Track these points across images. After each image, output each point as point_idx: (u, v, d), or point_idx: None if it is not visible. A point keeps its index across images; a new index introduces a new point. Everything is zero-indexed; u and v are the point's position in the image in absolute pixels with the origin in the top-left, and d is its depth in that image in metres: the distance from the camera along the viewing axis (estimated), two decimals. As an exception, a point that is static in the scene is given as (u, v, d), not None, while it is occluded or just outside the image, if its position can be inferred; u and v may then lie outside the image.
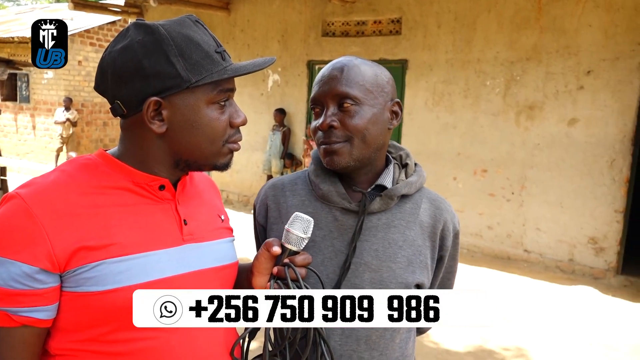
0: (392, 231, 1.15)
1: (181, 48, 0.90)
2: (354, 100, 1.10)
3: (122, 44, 0.91)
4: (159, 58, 0.89)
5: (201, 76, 0.91)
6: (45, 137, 12.49)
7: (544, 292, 5.14)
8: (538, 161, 5.87)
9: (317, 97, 1.14)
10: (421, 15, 6.62)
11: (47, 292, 0.86)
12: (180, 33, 0.91)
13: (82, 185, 0.91)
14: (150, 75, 0.89)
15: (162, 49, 0.89)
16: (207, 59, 0.92)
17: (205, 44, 0.93)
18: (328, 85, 1.11)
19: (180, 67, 0.89)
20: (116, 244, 0.89)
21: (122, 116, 0.95)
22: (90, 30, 12.47)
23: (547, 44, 5.74)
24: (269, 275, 1.04)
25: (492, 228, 6.25)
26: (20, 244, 0.84)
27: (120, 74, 0.90)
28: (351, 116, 1.10)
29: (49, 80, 12.26)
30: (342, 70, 1.12)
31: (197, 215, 1.04)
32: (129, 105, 0.92)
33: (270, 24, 8.10)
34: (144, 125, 0.93)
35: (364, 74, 1.12)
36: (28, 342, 0.88)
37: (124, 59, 0.90)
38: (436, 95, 6.57)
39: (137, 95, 0.91)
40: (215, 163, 0.99)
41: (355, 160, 1.12)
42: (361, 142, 1.11)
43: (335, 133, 1.10)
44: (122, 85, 0.91)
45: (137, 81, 0.90)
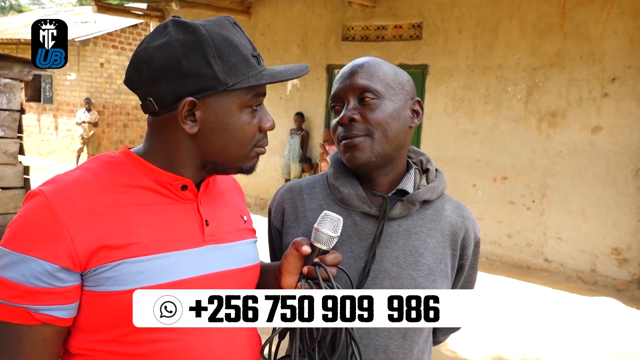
0: (413, 238, 1.12)
1: (220, 50, 0.89)
2: (374, 94, 1.08)
3: (160, 40, 0.90)
4: (198, 58, 0.88)
5: (238, 79, 0.90)
6: (67, 137, 12.70)
7: (565, 302, 5.03)
8: (560, 169, 5.77)
9: (337, 93, 1.13)
10: (442, 21, 6.57)
11: (67, 290, 0.86)
12: (220, 34, 0.90)
13: (104, 183, 0.91)
14: (187, 75, 0.88)
15: (201, 50, 0.88)
16: (244, 63, 0.91)
17: (242, 47, 0.92)
18: (349, 81, 1.10)
19: (218, 69, 0.89)
20: (137, 243, 0.88)
21: (152, 114, 0.94)
22: (112, 33, 12.67)
23: (571, 50, 5.65)
24: (299, 275, 1.02)
25: (511, 236, 6.16)
26: (42, 242, 0.83)
27: (156, 71, 0.89)
28: (372, 109, 1.08)
29: (71, 81, 12.47)
30: (363, 65, 1.11)
31: (219, 216, 1.03)
32: (162, 104, 0.91)
33: (291, 28, 8.12)
34: (175, 125, 0.92)
35: (384, 70, 1.12)
36: (48, 341, 0.87)
37: (162, 56, 0.89)
38: (456, 101, 6.51)
39: (172, 94, 0.90)
40: (242, 166, 0.99)
41: (376, 155, 1.09)
42: (382, 137, 1.09)
43: (356, 126, 1.08)
44: (157, 82, 0.90)
45: (174, 80, 0.89)
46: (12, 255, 0.84)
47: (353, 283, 1.05)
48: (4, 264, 0.85)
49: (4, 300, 0.84)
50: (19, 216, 0.87)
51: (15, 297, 0.84)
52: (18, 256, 0.83)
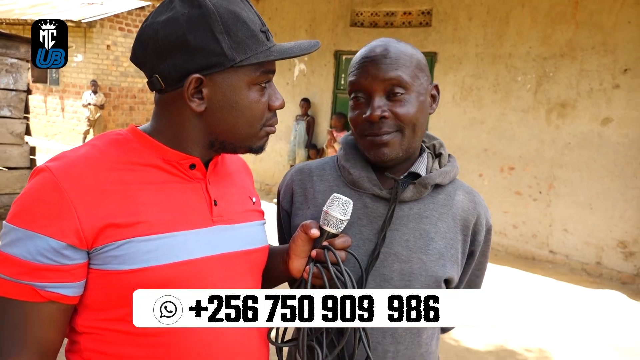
0: (423, 222, 1.10)
1: (227, 25, 0.86)
2: (404, 88, 1.04)
3: (165, 15, 0.87)
4: (204, 33, 0.85)
5: (246, 56, 0.87)
6: (73, 119, 12.70)
7: (569, 294, 5.03)
8: (568, 160, 5.73)
9: (360, 82, 1.06)
10: (452, 8, 6.49)
11: (73, 268, 0.85)
12: (227, 9, 0.87)
13: (111, 161, 0.89)
14: (193, 51, 0.85)
15: (208, 24, 0.85)
16: (252, 38, 0.88)
17: (251, 22, 0.89)
18: (374, 71, 1.04)
19: (226, 44, 0.86)
20: (144, 222, 0.87)
21: (159, 91, 0.92)
22: (119, 15, 12.61)
23: (583, 40, 5.57)
24: (307, 259, 1.01)
25: (517, 227, 6.14)
26: (48, 218, 0.82)
27: (162, 47, 0.86)
28: (403, 105, 1.05)
29: (78, 63, 12.44)
30: (387, 53, 1.05)
31: (228, 197, 1.01)
32: (168, 81, 0.88)
33: (299, 13, 8.05)
34: (181, 102, 0.89)
35: (408, 55, 1.07)
36: (54, 318, 0.87)
37: (167, 31, 0.86)
38: (464, 89, 6.45)
39: (178, 70, 0.87)
40: (251, 145, 0.96)
41: (404, 150, 1.08)
42: (411, 132, 1.07)
43: (387, 123, 1.05)
44: (163, 59, 0.87)
45: (180, 56, 0.86)
46: (18, 232, 0.83)
47: (362, 266, 1.04)
48: (9, 240, 0.84)
49: (10, 277, 0.83)
50: (25, 192, 0.86)
51: (21, 274, 0.83)
52: (24, 232, 0.82)
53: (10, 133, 5.88)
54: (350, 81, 1.10)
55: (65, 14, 12.71)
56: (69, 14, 12.52)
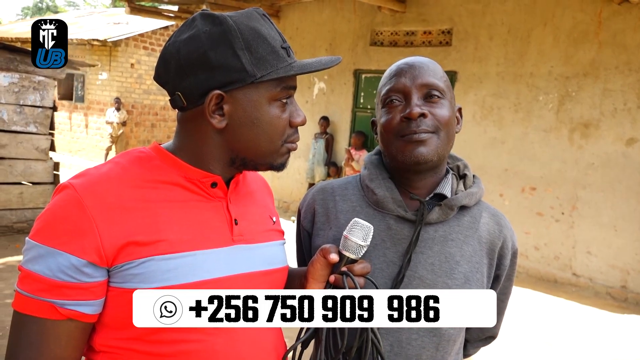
0: (449, 245, 1.08)
1: (248, 41, 0.87)
2: (441, 93, 1.07)
3: (187, 33, 0.89)
4: (225, 50, 0.86)
5: (266, 71, 0.88)
6: (97, 135, 12.95)
7: (593, 319, 4.88)
8: (592, 181, 5.62)
9: (398, 87, 1.08)
10: (473, 27, 6.49)
11: (93, 286, 0.84)
12: (248, 26, 0.88)
13: (134, 179, 0.90)
14: (215, 68, 0.86)
15: (229, 41, 0.86)
16: (272, 54, 0.89)
17: (271, 38, 0.90)
18: (411, 75, 1.07)
19: (246, 60, 0.87)
20: (165, 240, 0.87)
21: (181, 109, 0.93)
22: (144, 34, 12.89)
23: (606, 59, 5.50)
24: (325, 283, 0.99)
25: (538, 249, 6.01)
26: (70, 235, 0.82)
27: (183, 64, 0.88)
28: (439, 107, 1.06)
29: (103, 81, 12.72)
30: (423, 63, 1.09)
31: (249, 216, 1.01)
32: (190, 98, 0.89)
33: (319, 32, 8.13)
34: (203, 119, 0.90)
35: (442, 72, 1.11)
36: (73, 336, 0.86)
37: (189, 49, 0.87)
38: (485, 108, 6.40)
39: (199, 87, 0.88)
40: (272, 162, 0.96)
41: (438, 155, 1.06)
42: (445, 137, 1.07)
43: (425, 122, 1.05)
44: (184, 76, 0.88)
45: (201, 73, 0.87)
46: (40, 248, 0.83)
47: None
48: (31, 256, 0.84)
49: (30, 294, 0.83)
50: (48, 209, 0.86)
51: (42, 291, 0.83)
52: (45, 249, 0.83)
53: (35, 149, 6.01)
54: (387, 89, 1.10)
55: (92, 33, 13.05)
56: (95, 34, 12.86)
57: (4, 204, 5.82)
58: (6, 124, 5.75)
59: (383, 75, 1.15)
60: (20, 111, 5.85)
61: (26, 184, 6.04)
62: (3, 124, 5.73)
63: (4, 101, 5.71)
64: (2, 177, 5.78)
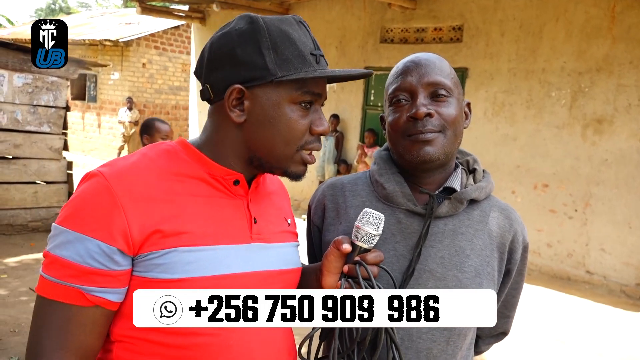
0: (459, 238, 1.08)
1: (275, 42, 0.90)
2: (447, 91, 1.07)
3: (223, 30, 0.94)
4: (251, 48, 0.90)
5: (288, 72, 0.90)
6: (109, 135, 13.07)
7: (607, 317, 4.83)
8: (605, 177, 5.56)
9: (405, 85, 1.08)
10: (484, 23, 6.44)
11: (121, 274, 0.86)
12: (279, 28, 0.91)
13: (161, 171, 0.92)
14: (239, 63, 0.90)
15: (256, 40, 0.90)
16: (299, 58, 0.91)
17: (301, 43, 0.92)
18: (417, 74, 1.07)
19: (270, 59, 0.89)
20: (188, 232, 0.88)
21: (209, 101, 0.97)
22: (155, 34, 12.98)
23: (620, 54, 5.43)
24: (339, 274, 1.00)
25: (551, 246, 5.96)
26: (99, 222, 0.83)
27: (214, 58, 0.93)
28: (446, 105, 1.06)
29: (115, 81, 12.83)
30: (429, 60, 1.09)
31: (266, 216, 1.03)
32: (216, 91, 0.94)
33: (329, 30, 8.12)
34: (225, 113, 0.93)
35: (450, 69, 1.11)
36: (98, 323, 0.87)
37: (220, 44, 0.92)
38: (496, 105, 6.36)
39: (224, 81, 0.92)
40: (286, 169, 0.97)
41: (444, 154, 1.07)
42: (452, 135, 1.07)
43: (431, 122, 1.05)
44: (213, 69, 0.93)
45: (227, 67, 0.91)
46: (69, 234, 0.84)
47: (395, 282, 1.02)
48: (59, 242, 0.85)
49: (57, 279, 0.84)
50: (77, 196, 0.87)
51: (70, 277, 0.84)
52: (74, 235, 0.83)
53: (49, 148, 6.08)
54: (393, 87, 1.10)
55: (104, 33, 13.17)
56: (107, 34, 12.98)
57: (19, 203, 5.90)
58: (20, 124, 5.83)
59: (390, 73, 1.15)
60: (34, 111, 5.92)
61: (40, 183, 6.11)
62: (17, 124, 5.81)
63: (18, 102, 5.78)
64: (17, 177, 5.86)
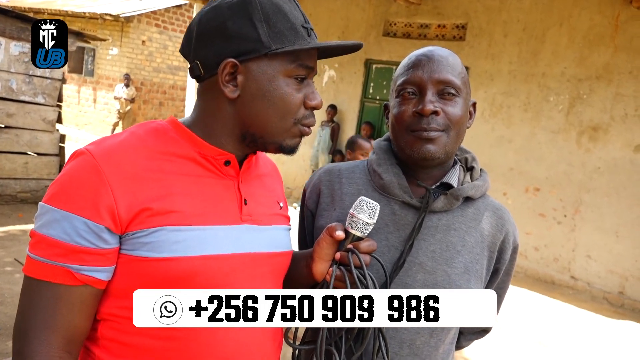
0: (451, 234, 1.08)
1: (267, 14, 0.88)
2: (456, 91, 1.06)
3: (213, 4, 0.91)
4: (243, 20, 0.88)
5: (282, 45, 0.88)
6: (104, 110, 12.96)
7: (588, 322, 4.89)
8: (597, 185, 5.59)
9: (415, 80, 1.06)
10: (488, 23, 6.43)
11: (109, 252, 0.85)
12: (270, 1, 0.89)
13: (150, 149, 0.90)
14: (231, 37, 0.88)
15: (248, 12, 0.88)
16: (291, 31, 0.89)
17: (293, 16, 0.90)
18: (429, 69, 1.06)
19: (263, 32, 0.87)
20: (177, 212, 0.87)
21: (198, 78, 0.94)
22: (157, 12, 12.85)
23: (621, 63, 5.45)
24: (331, 262, 1.00)
25: (538, 249, 6.01)
26: (86, 200, 0.82)
27: (203, 33, 0.90)
28: (453, 105, 1.06)
29: (113, 56, 12.70)
30: (442, 56, 1.07)
31: (257, 198, 1.01)
32: (207, 66, 0.91)
33: (332, 20, 8.08)
34: (217, 89, 0.91)
35: (462, 67, 1.09)
36: (86, 303, 0.86)
37: (209, 17, 0.90)
38: (494, 106, 6.37)
39: (215, 56, 0.89)
40: (282, 143, 0.95)
41: (446, 153, 1.07)
42: (455, 135, 1.07)
43: (436, 120, 1.04)
44: (203, 44, 0.90)
45: (218, 41, 0.89)
46: (56, 213, 0.82)
47: (386, 272, 1.02)
48: (46, 221, 0.83)
49: (45, 259, 0.83)
50: (64, 174, 0.86)
51: (58, 256, 0.82)
52: (62, 214, 0.82)
53: (42, 120, 6.02)
54: (403, 79, 1.09)
55: (105, 7, 13.01)
56: (108, 8, 12.82)
57: (9, 173, 5.85)
58: (15, 93, 5.76)
59: (401, 63, 1.14)
60: (30, 81, 5.85)
61: (31, 155, 6.06)
62: (12, 93, 5.74)
63: (14, 70, 5.71)
64: (8, 146, 5.80)
